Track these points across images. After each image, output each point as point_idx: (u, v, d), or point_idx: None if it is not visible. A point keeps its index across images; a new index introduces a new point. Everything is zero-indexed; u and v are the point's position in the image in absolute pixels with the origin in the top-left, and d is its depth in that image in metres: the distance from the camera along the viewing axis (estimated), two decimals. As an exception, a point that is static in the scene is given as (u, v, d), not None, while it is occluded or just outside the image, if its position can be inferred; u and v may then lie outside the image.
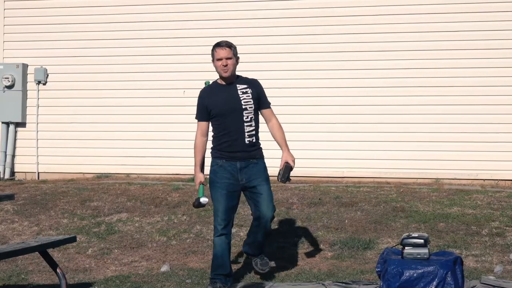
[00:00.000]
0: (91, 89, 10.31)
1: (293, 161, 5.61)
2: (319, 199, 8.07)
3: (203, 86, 5.89)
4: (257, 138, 5.64)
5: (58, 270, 5.42)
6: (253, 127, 5.60)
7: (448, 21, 9.38)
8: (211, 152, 5.72)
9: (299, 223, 7.36)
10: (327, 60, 9.67)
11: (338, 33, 9.63)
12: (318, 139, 9.58)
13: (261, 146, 5.67)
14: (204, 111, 5.65)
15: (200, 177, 5.77)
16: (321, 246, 6.78)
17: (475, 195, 8.11)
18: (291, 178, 5.60)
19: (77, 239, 6.66)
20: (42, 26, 10.46)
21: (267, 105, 5.71)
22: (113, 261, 6.71)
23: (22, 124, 10.57)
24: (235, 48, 5.66)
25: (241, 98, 5.57)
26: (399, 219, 7.34)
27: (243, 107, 5.55)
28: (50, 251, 5.60)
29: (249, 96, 5.58)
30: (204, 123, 5.69)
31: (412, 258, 4.85)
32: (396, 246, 5.28)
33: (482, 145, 9.25)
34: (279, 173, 5.59)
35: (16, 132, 10.58)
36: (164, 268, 6.35)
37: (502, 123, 9.23)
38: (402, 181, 9.13)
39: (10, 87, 10.45)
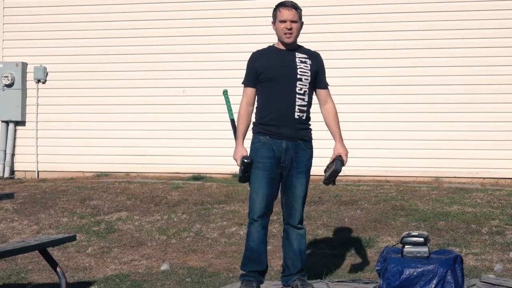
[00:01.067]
0: (91, 88, 10.31)
1: (346, 155, 5.08)
2: (319, 197, 8.06)
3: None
4: (308, 117, 5.00)
5: (58, 269, 5.41)
6: (306, 102, 4.92)
7: (449, 19, 9.38)
8: (252, 127, 4.96)
9: (299, 222, 7.35)
10: (326, 59, 9.62)
11: (337, 31, 9.62)
12: (317, 138, 9.50)
13: (311, 127, 5.08)
14: (254, 75, 4.93)
15: (242, 151, 4.90)
16: (321, 245, 6.78)
17: (475, 194, 8.11)
18: (336, 182, 5.09)
19: (77, 238, 6.66)
20: (42, 24, 10.47)
21: (324, 84, 5.04)
22: (113, 260, 6.70)
23: (21, 123, 10.56)
24: (301, 10, 4.96)
25: (298, 67, 4.88)
26: (399, 217, 7.33)
27: (298, 76, 4.87)
28: (50, 250, 5.59)
29: (307, 67, 4.91)
30: (251, 90, 4.95)
31: (412, 257, 4.84)
32: (396, 245, 5.27)
33: (482, 144, 9.25)
34: (325, 171, 5.02)
35: (15, 130, 10.58)
36: (164, 266, 6.35)
37: (501, 121, 9.23)
38: (402, 180, 9.13)
39: (9, 85, 10.44)
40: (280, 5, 4.96)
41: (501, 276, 5.53)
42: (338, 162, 5.05)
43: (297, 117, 4.90)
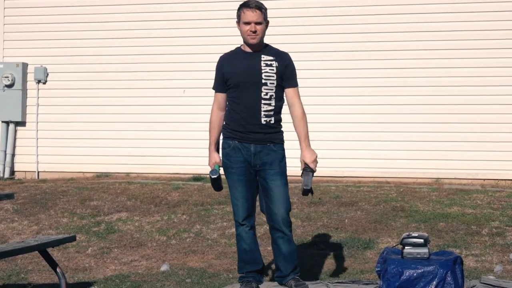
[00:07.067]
0: (91, 89, 10.31)
1: (314, 162, 4.84)
2: (319, 198, 8.07)
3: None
4: (278, 120, 4.84)
5: (57, 270, 5.42)
6: (272, 107, 4.79)
7: (446, 20, 9.38)
8: (222, 131, 5.01)
9: (299, 223, 7.36)
10: (326, 60, 9.66)
11: (334, 32, 9.62)
12: (317, 139, 9.46)
13: (282, 129, 4.91)
14: (222, 80, 4.88)
15: (215, 157, 4.97)
16: (321, 246, 6.78)
17: (475, 195, 8.12)
18: (313, 188, 4.84)
19: (77, 238, 6.65)
20: (42, 25, 10.47)
21: (291, 83, 4.85)
22: (112, 261, 6.70)
23: (22, 123, 10.57)
24: (265, 10, 4.82)
25: (263, 71, 4.78)
26: (399, 218, 7.33)
27: (263, 81, 4.76)
28: (49, 250, 5.60)
29: (272, 70, 4.79)
30: (221, 95, 4.92)
31: (412, 258, 4.84)
32: (396, 246, 5.27)
33: (482, 145, 9.25)
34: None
35: (16, 131, 10.58)
36: (164, 267, 6.35)
37: (502, 123, 9.23)
38: (402, 181, 9.13)
39: (10, 86, 10.45)
40: (243, 6, 4.82)
41: (501, 278, 5.53)
42: (305, 175, 4.79)
43: (264, 122, 4.81)
